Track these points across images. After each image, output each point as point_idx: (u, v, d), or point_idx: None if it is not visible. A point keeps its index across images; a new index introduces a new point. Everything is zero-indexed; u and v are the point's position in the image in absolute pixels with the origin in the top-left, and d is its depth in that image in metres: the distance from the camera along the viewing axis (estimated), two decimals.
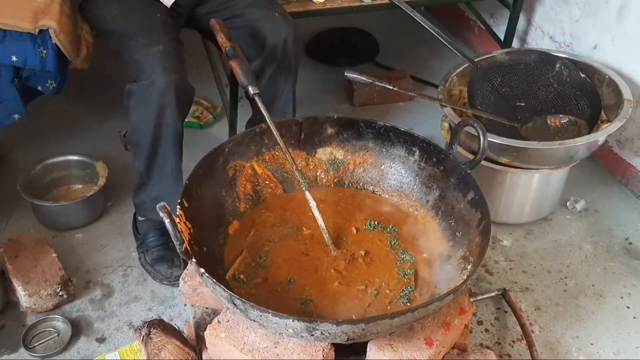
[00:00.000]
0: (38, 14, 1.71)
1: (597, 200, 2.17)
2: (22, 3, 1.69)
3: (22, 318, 1.74)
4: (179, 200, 1.36)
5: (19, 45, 1.71)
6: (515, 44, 2.57)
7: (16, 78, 1.78)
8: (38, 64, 1.74)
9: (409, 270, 1.43)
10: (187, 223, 1.35)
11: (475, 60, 2.05)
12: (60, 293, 1.74)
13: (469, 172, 1.48)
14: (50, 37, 1.72)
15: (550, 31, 2.42)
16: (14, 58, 1.72)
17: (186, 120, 2.35)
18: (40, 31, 1.72)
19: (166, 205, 1.20)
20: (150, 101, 1.63)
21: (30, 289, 1.70)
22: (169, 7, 1.80)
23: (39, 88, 1.85)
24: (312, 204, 1.49)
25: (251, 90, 1.58)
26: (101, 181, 1.99)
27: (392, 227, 1.54)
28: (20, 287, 1.71)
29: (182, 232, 1.25)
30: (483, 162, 1.52)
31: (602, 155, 2.27)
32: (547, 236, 2.04)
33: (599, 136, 1.82)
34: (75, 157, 2.08)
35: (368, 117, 2.51)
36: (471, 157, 1.78)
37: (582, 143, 1.80)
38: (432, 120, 2.39)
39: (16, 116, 1.82)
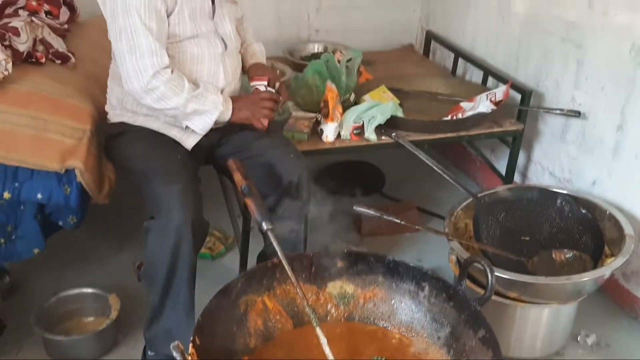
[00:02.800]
0: (66, 154, 1.81)
1: (608, 334, 2.15)
2: (53, 145, 1.80)
3: None
4: (192, 338, 1.37)
5: (45, 183, 1.80)
6: (517, 177, 2.67)
7: (39, 214, 1.86)
8: (62, 201, 1.82)
9: None
10: None
11: (479, 195, 2.13)
12: None
13: (478, 308, 1.50)
14: (76, 175, 1.82)
15: (550, 167, 2.53)
16: (39, 195, 1.80)
17: None
18: (66, 170, 1.82)
19: (180, 345, 1.21)
20: (167, 237, 1.69)
21: None
22: (189, 150, 1.92)
23: (60, 223, 1.92)
24: (323, 340, 1.48)
25: (265, 225, 1.62)
26: (113, 314, 2.00)
27: None
28: None
29: None
30: (493, 297, 1.54)
31: (609, 289, 2.28)
32: None
33: (605, 271, 1.85)
34: (89, 290, 2.10)
35: (376, 247, 2.57)
36: (480, 290, 1.81)
37: (588, 278, 1.82)
38: (439, 251, 2.42)
39: (36, 250, 1.88)
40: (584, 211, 2.06)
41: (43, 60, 1.97)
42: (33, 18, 2.08)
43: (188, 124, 1.87)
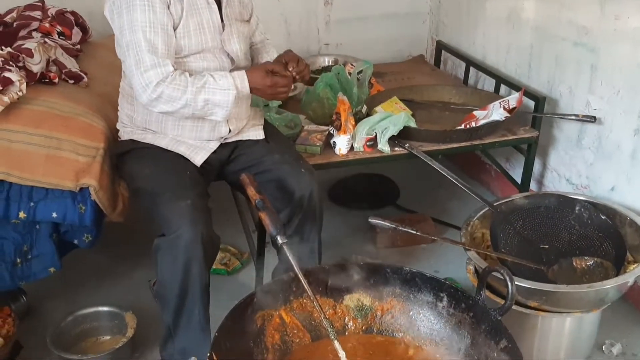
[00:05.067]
0: (80, 173, 1.82)
1: (634, 343, 2.10)
2: (66, 164, 1.81)
3: None
4: (208, 354, 1.36)
5: (59, 202, 1.81)
6: (533, 185, 2.63)
7: (54, 233, 1.86)
8: (77, 219, 1.82)
9: None
10: None
11: (495, 204, 2.10)
12: None
13: (499, 318, 1.47)
14: (90, 194, 1.82)
15: (567, 174, 2.49)
16: (54, 214, 1.81)
17: (214, 267, 2.40)
18: (81, 189, 1.82)
19: None
20: (177, 255, 1.67)
21: None
22: (198, 166, 1.91)
23: (75, 241, 1.92)
24: (342, 354, 1.47)
25: (279, 239, 1.62)
26: (129, 332, 2.00)
27: None
28: None
29: None
30: (513, 306, 1.51)
31: (633, 296, 2.23)
32: None
33: (628, 278, 1.81)
34: (105, 308, 2.10)
35: (392, 259, 2.55)
36: (499, 300, 1.78)
37: (611, 285, 1.78)
38: (456, 262, 2.39)
39: (52, 269, 1.88)
40: (603, 217, 2.02)
41: (56, 80, 1.99)
42: (46, 39, 2.11)
43: (211, 117, 1.85)
